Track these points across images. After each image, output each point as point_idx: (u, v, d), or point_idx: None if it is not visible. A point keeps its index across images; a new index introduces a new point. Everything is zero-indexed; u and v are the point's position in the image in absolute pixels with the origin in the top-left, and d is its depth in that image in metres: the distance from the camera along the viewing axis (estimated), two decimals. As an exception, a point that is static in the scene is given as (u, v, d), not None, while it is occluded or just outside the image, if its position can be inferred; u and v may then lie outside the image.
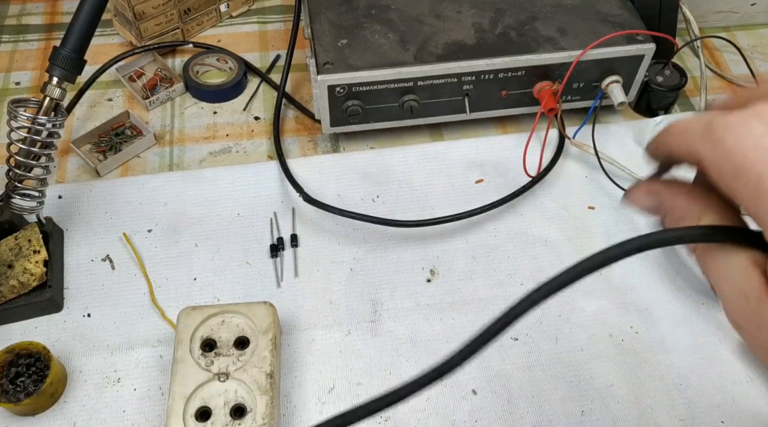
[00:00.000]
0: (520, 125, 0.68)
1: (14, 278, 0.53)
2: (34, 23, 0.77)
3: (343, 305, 0.56)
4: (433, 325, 0.55)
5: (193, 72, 0.70)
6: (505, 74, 0.62)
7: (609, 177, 0.62)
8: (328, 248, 0.59)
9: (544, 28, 0.63)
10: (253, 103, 0.70)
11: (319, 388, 0.52)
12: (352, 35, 0.62)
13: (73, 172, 0.64)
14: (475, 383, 0.52)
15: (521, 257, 0.59)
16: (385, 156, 0.65)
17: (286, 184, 0.62)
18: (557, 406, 0.51)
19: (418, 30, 0.62)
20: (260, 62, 0.73)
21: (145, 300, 0.56)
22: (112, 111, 0.69)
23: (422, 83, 0.61)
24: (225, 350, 0.49)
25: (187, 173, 0.63)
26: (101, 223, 0.60)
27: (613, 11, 0.64)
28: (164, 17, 0.71)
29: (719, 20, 0.78)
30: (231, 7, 0.77)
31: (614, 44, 0.61)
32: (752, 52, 0.76)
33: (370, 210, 0.60)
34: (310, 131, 0.68)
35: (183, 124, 0.68)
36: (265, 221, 0.60)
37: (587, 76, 0.63)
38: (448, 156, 0.65)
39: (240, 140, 0.67)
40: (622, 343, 0.54)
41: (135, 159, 0.65)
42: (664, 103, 0.69)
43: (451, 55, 0.60)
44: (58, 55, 0.52)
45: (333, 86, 0.59)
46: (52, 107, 0.53)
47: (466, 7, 0.64)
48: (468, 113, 0.64)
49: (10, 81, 0.71)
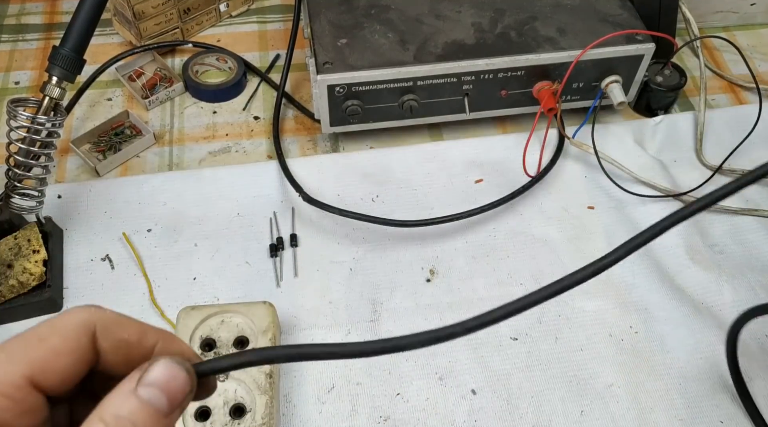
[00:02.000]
0: (519, 125, 0.68)
1: (14, 278, 0.53)
2: (33, 23, 0.77)
3: (342, 304, 0.56)
4: (433, 325, 0.55)
5: (193, 72, 0.70)
6: (504, 74, 0.62)
7: (609, 177, 0.62)
8: (328, 248, 0.59)
9: (543, 28, 0.63)
10: (252, 102, 0.70)
11: (319, 388, 0.52)
12: (351, 35, 0.62)
13: (73, 172, 0.64)
14: (474, 382, 0.52)
15: (521, 257, 0.59)
16: (384, 156, 0.65)
17: (286, 184, 0.62)
18: (557, 406, 0.51)
19: (418, 30, 0.62)
20: (260, 62, 0.73)
21: (144, 300, 0.56)
22: (111, 111, 0.69)
23: (422, 83, 0.61)
24: (224, 349, 0.49)
25: (186, 173, 0.63)
26: (101, 222, 0.60)
27: (612, 11, 0.64)
28: (164, 17, 0.71)
29: (719, 20, 0.78)
30: (230, 7, 0.77)
31: (614, 44, 0.61)
32: (752, 52, 0.76)
33: (370, 210, 0.60)
34: (309, 131, 0.68)
35: (182, 124, 0.68)
36: (264, 220, 0.60)
37: (587, 76, 0.63)
38: (447, 156, 0.65)
39: (239, 140, 0.67)
40: (622, 343, 0.54)
41: (134, 159, 0.65)
42: (663, 103, 0.69)
43: (451, 55, 0.60)
44: (58, 54, 0.52)
45: (333, 86, 0.59)
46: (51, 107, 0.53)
47: (465, 7, 0.64)
48: (468, 113, 0.64)
49: (10, 80, 0.71)
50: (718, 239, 0.61)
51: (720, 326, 0.55)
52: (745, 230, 0.61)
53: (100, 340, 0.24)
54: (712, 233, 0.61)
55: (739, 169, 0.64)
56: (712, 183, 0.63)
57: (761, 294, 0.57)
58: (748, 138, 0.64)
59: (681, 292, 0.57)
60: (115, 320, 0.25)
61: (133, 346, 0.25)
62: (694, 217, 0.61)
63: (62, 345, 0.24)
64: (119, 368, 0.25)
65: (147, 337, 0.25)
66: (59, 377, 0.23)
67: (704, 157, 0.66)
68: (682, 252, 0.59)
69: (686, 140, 0.67)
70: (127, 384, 0.23)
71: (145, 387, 0.23)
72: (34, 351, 0.23)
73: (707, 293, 0.57)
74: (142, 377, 0.24)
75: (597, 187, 0.63)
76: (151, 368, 0.24)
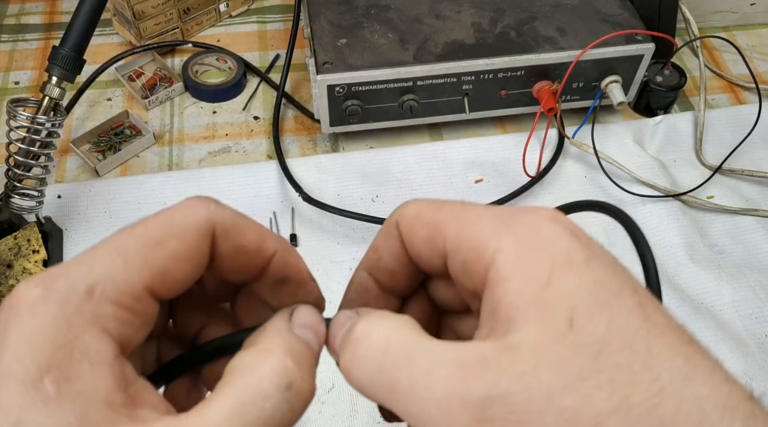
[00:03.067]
0: (519, 125, 0.68)
1: (13, 278, 0.53)
2: (33, 23, 0.77)
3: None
4: (433, 325, 0.55)
5: (193, 72, 0.70)
6: (504, 74, 0.62)
7: (608, 177, 0.62)
8: (328, 248, 0.59)
9: (543, 27, 0.63)
10: (252, 102, 0.70)
11: (319, 388, 0.51)
12: (351, 35, 0.62)
13: (73, 172, 0.64)
14: (474, 382, 0.52)
15: (521, 257, 0.59)
16: (384, 156, 0.65)
17: (286, 183, 0.62)
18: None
19: (418, 30, 0.62)
20: (259, 62, 0.73)
21: (144, 300, 0.55)
22: (111, 111, 0.69)
23: (422, 83, 0.61)
24: (224, 349, 0.49)
25: (186, 173, 0.63)
26: (100, 222, 0.60)
27: (612, 11, 0.64)
28: (163, 17, 0.71)
29: (718, 20, 0.78)
30: (230, 7, 0.77)
31: (613, 44, 0.61)
32: (751, 52, 0.76)
33: (370, 210, 0.60)
34: (309, 131, 0.68)
35: (182, 124, 0.68)
36: (264, 220, 0.60)
37: (586, 76, 0.63)
38: (447, 156, 0.65)
39: (239, 140, 0.67)
40: (622, 343, 0.54)
41: (134, 159, 0.65)
42: (663, 103, 0.69)
43: (451, 55, 0.60)
44: (58, 54, 0.52)
45: (332, 86, 0.59)
46: (51, 107, 0.53)
47: (465, 6, 0.64)
48: (467, 113, 0.64)
49: (9, 80, 0.71)
50: (717, 239, 0.61)
51: (720, 326, 0.55)
52: (745, 230, 0.61)
53: (219, 244, 0.22)
54: (711, 232, 0.61)
55: (739, 169, 0.64)
56: (712, 183, 0.63)
57: (761, 294, 0.57)
58: (748, 138, 0.64)
59: (680, 292, 0.57)
60: (236, 221, 0.23)
61: (252, 253, 0.23)
62: (693, 216, 0.61)
63: (182, 250, 0.21)
64: (233, 275, 0.24)
65: (266, 245, 0.23)
66: (177, 284, 0.22)
67: (704, 157, 0.66)
68: (682, 252, 0.59)
69: (686, 140, 0.67)
70: (281, 322, 0.23)
71: (299, 328, 0.23)
72: (152, 256, 0.21)
73: (707, 292, 0.57)
74: (294, 318, 0.23)
75: (597, 187, 0.63)
76: (300, 310, 0.24)
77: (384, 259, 0.25)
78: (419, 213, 0.23)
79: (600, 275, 0.20)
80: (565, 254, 0.20)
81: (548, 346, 0.19)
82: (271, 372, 0.21)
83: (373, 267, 0.26)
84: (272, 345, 0.22)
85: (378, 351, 0.21)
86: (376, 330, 0.21)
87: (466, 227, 0.22)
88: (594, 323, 0.19)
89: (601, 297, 0.19)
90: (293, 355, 0.21)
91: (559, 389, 0.18)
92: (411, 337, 0.21)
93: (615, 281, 0.20)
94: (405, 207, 0.24)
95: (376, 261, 0.25)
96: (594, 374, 0.18)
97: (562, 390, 0.18)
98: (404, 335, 0.21)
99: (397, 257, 0.25)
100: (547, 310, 0.19)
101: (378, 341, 0.21)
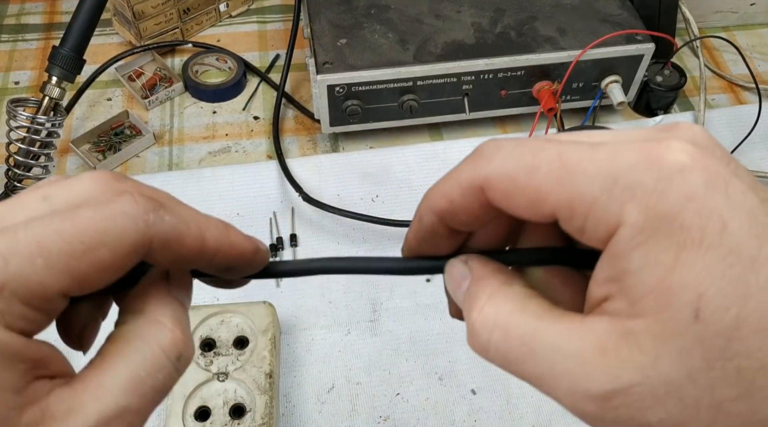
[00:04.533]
0: (519, 125, 0.68)
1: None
2: (33, 23, 0.77)
3: (342, 304, 0.56)
4: (433, 324, 0.55)
5: (193, 71, 0.70)
6: (504, 74, 0.62)
7: (608, 177, 0.62)
8: (328, 248, 0.59)
9: (543, 27, 0.63)
10: (252, 102, 0.70)
11: (319, 388, 0.52)
12: (351, 35, 0.62)
13: (73, 172, 0.64)
14: (474, 382, 0.52)
15: (521, 257, 0.59)
16: (384, 156, 0.65)
17: (286, 183, 0.62)
18: (556, 406, 0.51)
19: (418, 30, 0.62)
20: (259, 62, 0.73)
21: (144, 300, 0.55)
22: (111, 110, 0.69)
23: (422, 83, 0.61)
24: (224, 349, 0.49)
25: (186, 173, 0.63)
26: (100, 222, 0.60)
27: (612, 11, 0.64)
28: (163, 17, 0.71)
29: (718, 20, 0.78)
30: (230, 7, 0.77)
31: (613, 44, 0.61)
32: (751, 52, 0.76)
33: (370, 210, 0.60)
34: (309, 131, 0.68)
35: (182, 124, 0.68)
36: (264, 220, 0.60)
37: (586, 76, 0.63)
38: (447, 156, 0.65)
39: (239, 140, 0.67)
40: (622, 343, 0.54)
41: (134, 159, 0.65)
42: (663, 103, 0.69)
43: (451, 55, 0.60)
44: (58, 54, 0.52)
45: (332, 86, 0.59)
46: (51, 107, 0.53)
47: (465, 6, 0.64)
48: (467, 113, 0.64)
49: (9, 80, 0.71)
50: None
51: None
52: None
53: (155, 254, 0.21)
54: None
55: (739, 169, 0.64)
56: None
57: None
58: (748, 138, 0.64)
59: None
60: (175, 232, 0.22)
61: (190, 260, 0.23)
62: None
63: (110, 262, 0.20)
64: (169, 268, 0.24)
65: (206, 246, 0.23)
66: (95, 288, 0.21)
67: (704, 157, 0.66)
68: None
69: (686, 140, 0.67)
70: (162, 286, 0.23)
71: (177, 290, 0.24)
72: (77, 264, 0.20)
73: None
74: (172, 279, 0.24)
75: (597, 187, 0.63)
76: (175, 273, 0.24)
77: (460, 215, 0.23)
78: (512, 177, 0.21)
79: (735, 243, 0.18)
80: (698, 226, 0.18)
81: (670, 338, 0.18)
82: (163, 344, 0.22)
83: (446, 217, 0.23)
84: (160, 315, 0.22)
85: (498, 342, 0.21)
86: (495, 315, 0.22)
87: (579, 194, 0.19)
88: (723, 310, 0.18)
89: (734, 275, 0.18)
90: (180, 324, 0.23)
91: (680, 380, 0.18)
92: (531, 323, 0.21)
93: (753, 246, 0.18)
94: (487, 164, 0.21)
95: (450, 214, 0.23)
96: (720, 364, 0.18)
97: (683, 380, 0.18)
98: (523, 321, 0.21)
99: (478, 215, 0.23)
100: (671, 297, 0.18)
101: (497, 332, 0.22)
